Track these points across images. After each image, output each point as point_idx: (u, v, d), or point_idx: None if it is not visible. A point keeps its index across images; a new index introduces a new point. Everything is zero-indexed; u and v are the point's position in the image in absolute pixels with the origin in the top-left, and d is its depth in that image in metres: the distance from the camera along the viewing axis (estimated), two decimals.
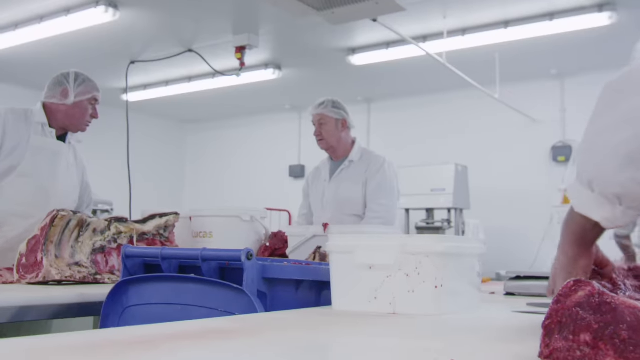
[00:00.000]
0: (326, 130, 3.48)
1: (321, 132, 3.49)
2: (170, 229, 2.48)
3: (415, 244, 1.29)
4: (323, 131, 3.49)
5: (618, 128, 0.92)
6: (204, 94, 7.56)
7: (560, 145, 6.87)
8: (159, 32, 5.70)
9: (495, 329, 1.15)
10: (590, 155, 0.96)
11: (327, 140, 3.49)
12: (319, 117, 3.51)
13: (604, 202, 0.94)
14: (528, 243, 6.77)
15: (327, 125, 3.49)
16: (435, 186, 6.45)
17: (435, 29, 5.30)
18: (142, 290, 1.59)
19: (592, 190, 0.94)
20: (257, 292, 1.45)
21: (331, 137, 3.49)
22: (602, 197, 0.94)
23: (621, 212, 0.93)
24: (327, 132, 3.48)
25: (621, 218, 0.94)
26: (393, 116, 7.99)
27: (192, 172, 9.86)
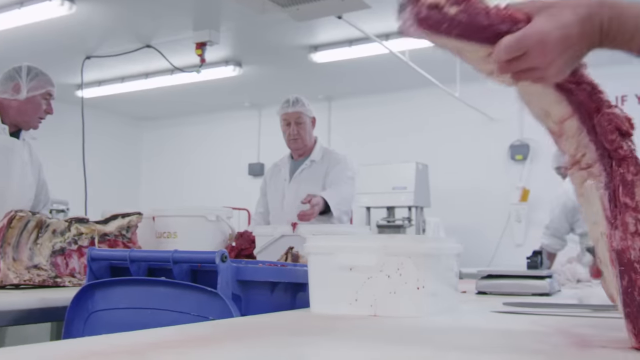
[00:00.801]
0: (303, 129, 3.41)
1: (299, 130, 3.40)
2: (133, 230, 2.41)
3: (396, 245, 1.26)
4: (300, 130, 3.40)
5: None
6: (162, 90, 7.42)
7: (518, 144, 6.98)
8: (116, 27, 5.56)
9: (482, 331, 1.12)
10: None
11: (303, 139, 3.41)
12: (296, 115, 3.42)
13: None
14: (487, 240, 6.85)
15: (304, 125, 3.42)
16: (396, 184, 6.47)
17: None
18: (108, 295, 1.52)
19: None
20: (232, 295, 1.40)
21: (307, 136, 3.43)
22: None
23: None
24: (304, 131, 3.41)
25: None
26: (354, 114, 7.99)
27: (149, 170, 9.68)
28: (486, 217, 6.95)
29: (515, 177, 6.95)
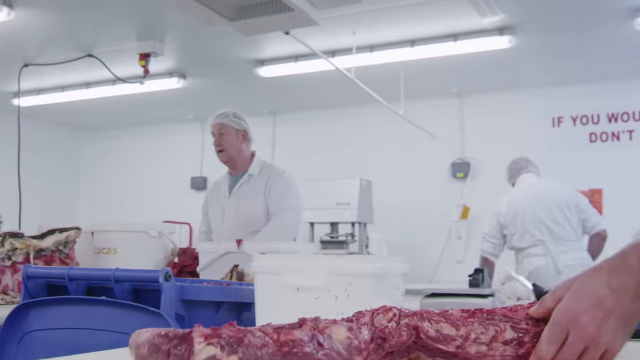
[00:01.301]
0: (226, 141, 3.42)
1: (221, 142, 3.43)
2: (71, 245, 2.34)
3: (344, 265, 1.25)
4: (223, 141, 3.43)
5: None
6: (104, 100, 7.24)
7: (459, 162, 7.11)
8: (57, 35, 5.41)
9: None
10: None
11: (227, 151, 3.42)
12: (219, 126, 3.45)
13: None
14: (428, 257, 6.94)
15: (227, 136, 3.43)
16: (339, 200, 6.49)
17: (345, 45, 5.35)
18: (44, 314, 1.46)
19: None
20: (175, 315, 1.36)
21: (231, 147, 3.43)
22: None
23: None
24: (227, 142, 3.42)
25: None
26: (299, 129, 7.99)
27: (88, 182, 9.41)
28: (428, 234, 7.04)
29: (456, 194, 7.07)
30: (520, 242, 4.50)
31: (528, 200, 4.50)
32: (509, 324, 0.89)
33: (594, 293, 0.83)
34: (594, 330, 0.81)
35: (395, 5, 4.65)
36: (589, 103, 6.52)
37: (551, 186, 4.60)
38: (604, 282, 0.83)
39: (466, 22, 4.91)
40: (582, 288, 0.84)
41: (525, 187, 4.63)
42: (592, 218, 4.42)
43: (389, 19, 4.92)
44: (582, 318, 0.82)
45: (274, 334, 0.81)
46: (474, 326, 0.88)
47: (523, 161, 4.82)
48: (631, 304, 0.82)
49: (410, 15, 4.85)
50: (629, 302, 0.82)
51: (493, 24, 4.88)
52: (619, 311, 0.82)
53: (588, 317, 0.82)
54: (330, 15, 4.33)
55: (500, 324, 0.89)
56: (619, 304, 0.82)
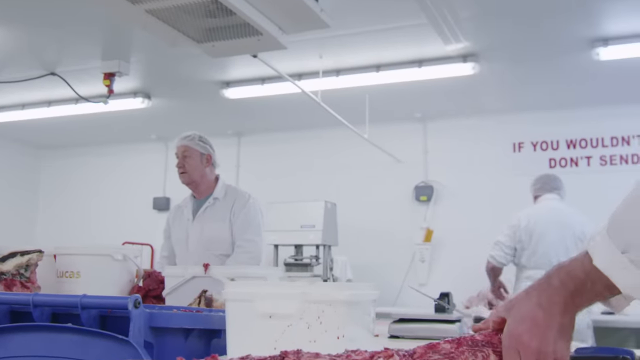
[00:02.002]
0: (189, 164, 3.42)
1: (184, 164, 3.42)
2: (33, 269, 2.28)
3: (317, 292, 1.25)
4: (186, 164, 3.42)
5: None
6: (66, 119, 7.13)
7: (423, 185, 7.19)
8: (18, 52, 5.32)
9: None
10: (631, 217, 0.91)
11: (189, 173, 3.42)
12: (183, 148, 3.45)
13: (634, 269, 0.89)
14: (392, 279, 6.96)
15: (191, 159, 3.43)
16: (304, 222, 6.47)
17: (311, 68, 5.39)
18: (7, 342, 1.42)
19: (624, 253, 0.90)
20: (144, 343, 1.34)
21: (194, 170, 3.42)
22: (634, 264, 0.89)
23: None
24: (190, 165, 3.42)
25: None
26: (264, 150, 7.99)
27: (48, 202, 9.20)
28: (392, 257, 7.08)
29: (420, 217, 7.14)
30: (527, 261, 4.58)
31: (547, 224, 4.58)
32: (491, 348, 0.98)
33: (529, 314, 0.97)
34: (537, 346, 0.95)
35: (361, 31, 4.72)
36: (549, 129, 6.68)
37: (572, 216, 4.67)
38: (535, 303, 0.97)
39: (430, 49, 5.00)
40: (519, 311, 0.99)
41: (547, 209, 4.71)
42: None
43: (355, 44, 4.98)
44: (523, 338, 0.96)
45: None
46: (465, 355, 0.96)
47: (551, 180, 4.89)
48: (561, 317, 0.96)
49: (376, 41, 4.92)
50: (560, 315, 0.96)
51: (457, 51, 4.98)
52: (553, 324, 0.96)
53: (528, 336, 0.96)
54: (297, 39, 4.36)
55: (484, 350, 0.98)
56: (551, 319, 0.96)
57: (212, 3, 2.90)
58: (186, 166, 3.42)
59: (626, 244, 0.90)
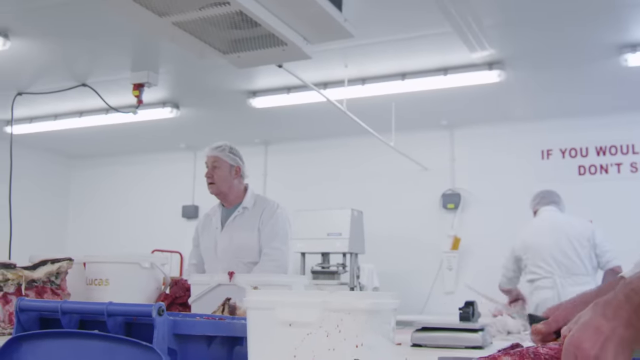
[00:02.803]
0: (218, 175, 3.43)
1: (213, 175, 3.43)
2: (63, 276, 2.34)
3: (337, 301, 1.27)
4: (215, 175, 3.43)
5: None
6: (97, 129, 7.27)
7: (450, 193, 7.16)
8: (51, 64, 5.46)
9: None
10: None
11: (217, 184, 3.43)
12: (213, 159, 3.46)
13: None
14: (419, 287, 6.94)
15: (220, 170, 3.44)
16: (331, 230, 6.49)
17: (337, 77, 5.42)
18: (37, 348, 1.46)
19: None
20: (167, 350, 1.37)
21: (222, 182, 3.44)
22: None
23: None
24: (219, 176, 3.43)
25: None
26: (291, 159, 8.03)
27: (79, 211, 9.37)
28: (419, 265, 7.05)
29: (447, 225, 7.11)
30: (531, 274, 4.57)
31: (542, 234, 4.58)
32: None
33: (592, 323, 0.99)
34: (595, 354, 0.96)
35: (386, 40, 4.74)
36: (577, 136, 6.61)
37: (566, 220, 4.67)
38: (600, 313, 0.99)
39: (456, 57, 5.00)
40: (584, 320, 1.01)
41: (542, 220, 4.73)
42: (606, 254, 4.48)
43: (380, 53, 5.00)
44: (584, 345, 0.97)
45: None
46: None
47: (548, 194, 4.90)
48: (624, 330, 0.96)
49: (401, 50, 4.94)
50: (622, 328, 0.96)
51: (482, 59, 4.97)
52: (614, 337, 0.96)
53: (589, 344, 0.97)
54: (322, 48, 4.40)
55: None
56: (613, 331, 0.97)
57: (237, 15, 2.95)
58: (215, 177, 3.44)
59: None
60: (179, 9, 2.90)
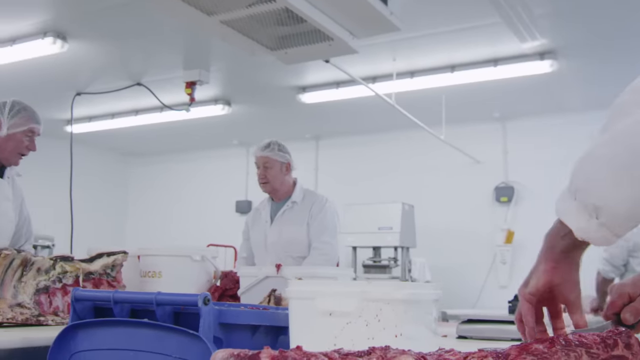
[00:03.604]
0: (271, 174, 3.45)
1: (265, 175, 3.46)
2: (118, 269, 2.42)
3: (375, 291, 1.29)
4: (267, 174, 3.45)
5: (611, 143, 0.94)
6: (151, 127, 7.47)
7: (503, 186, 7.05)
8: (108, 65, 5.63)
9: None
10: (582, 164, 0.98)
11: (271, 183, 3.46)
12: (264, 159, 3.47)
13: (582, 211, 0.95)
14: (472, 281, 6.87)
15: (272, 169, 3.46)
16: (382, 224, 6.50)
17: (385, 71, 5.42)
18: (91, 335, 1.53)
19: (575, 199, 0.96)
20: (214, 338, 1.41)
21: (275, 180, 3.47)
22: (582, 206, 0.95)
23: (596, 225, 0.94)
24: (271, 175, 3.45)
25: (594, 232, 0.95)
26: (341, 154, 8.06)
27: (136, 206, 9.65)
28: (471, 258, 6.98)
29: (500, 218, 7.01)
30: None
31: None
32: (584, 349, 0.97)
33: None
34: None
35: (434, 32, 4.71)
36: None
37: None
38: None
39: (506, 48, 4.93)
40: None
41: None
42: None
43: (428, 46, 4.97)
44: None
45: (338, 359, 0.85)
46: (558, 355, 0.95)
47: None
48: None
49: (450, 42, 4.90)
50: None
51: (533, 49, 4.88)
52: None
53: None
54: (370, 42, 4.40)
55: (577, 350, 0.96)
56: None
57: (283, 11, 2.99)
58: (267, 176, 3.45)
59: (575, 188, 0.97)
60: (226, 7, 2.96)
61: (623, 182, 0.90)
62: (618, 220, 0.92)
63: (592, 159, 0.96)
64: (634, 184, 0.89)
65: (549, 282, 1.09)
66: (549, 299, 1.13)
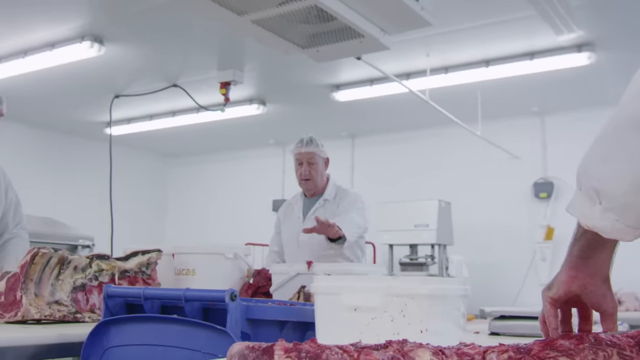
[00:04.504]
0: (315, 170, 3.39)
1: (310, 171, 3.39)
2: (153, 267, 2.46)
3: (400, 286, 1.29)
4: (312, 170, 3.38)
5: (603, 125, 0.91)
6: (188, 128, 7.57)
7: (542, 182, 6.94)
8: (144, 67, 5.72)
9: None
10: (585, 153, 0.94)
11: (314, 179, 3.40)
12: (309, 155, 3.40)
13: (586, 198, 0.92)
14: (511, 279, 6.78)
15: (316, 165, 3.40)
16: (418, 222, 6.46)
17: (418, 67, 5.38)
18: (123, 331, 1.57)
19: (580, 188, 0.93)
20: (241, 334, 1.43)
21: (318, 177, 3.42)
22: (584, 192, 0.92)
23: (600, 211, 0.90)
24: (315, 171, 3.39)
25: (600, 220, 0.90)
26: (377, 152, 8.04)
27: (175, 206, 9.80)
28: (510, 256, 6.89)
29: (540, 215, 6.90)
30: None
31: None
32: (615, 349, 0.91)
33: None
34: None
35: (467, 27, 4.65)
36: None
37: None
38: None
39: (542, 41, 4.84)
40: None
41: None
42: None
43: (462, 40, 4.91)
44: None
45: (354, 353, 0.84)
46: (585, 352, 0.90)
47: None
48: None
49: (484, 36, 4.83)
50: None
51: (570, 41, 4.79)
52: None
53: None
54: (402, 38, 4.38)
55: (607, 350, 0.91)
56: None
57: (313, 9, 2.99)
58: (312, 173, 3.39)
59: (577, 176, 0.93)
60: (256, 6, 2.98)
61: (612, 160, 0.86)
62: (618, 204, 0.86)
63: (590, 144, 0.93)
64: (621, 160, 0.85)
65: (568, 292, 1.07)
66: (578, 302, 1.10)
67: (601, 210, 0.89)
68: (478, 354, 0.91)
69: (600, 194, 0.88)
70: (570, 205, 0.97)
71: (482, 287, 5.82)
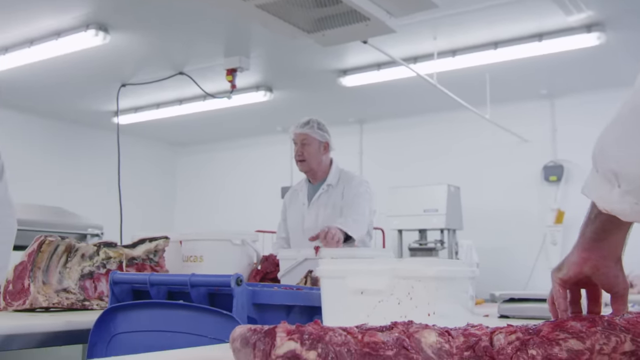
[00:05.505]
0: (308, 152, 3.42)
1: (303, 152, 3.43)
2: (160, 254, 2.46)
3: (406, 269, 1.27)
4: (305, 152, 3.42)
5: (620, 107, 0.88)
6: (195, 116, 7.55)
7: (552, 165, 6.89)
8: (150, 55, 5.71)
9: None
10: (600, 134, 0.90)
11: (308, 161, 3.42)
12: (302, 136, 3.44)
13: (604, 180, 0.88)
14: (521, 263, 6.75)
15: (309, 147, 3.42)
16: (427, 207, 6.44)
17: (426, 50, 5.33)
18: (130, 317, 1.56)
19: (597, 170, 0.90)
20: (247, 318, 1.42)
21: (312, 159, 3.43)
22: (602, 175, 0.88)
23: (618, 195, 0.86)
24: (309, 153, 3.42)
25: (618, 203, 0.87)
26: (385, 137, 8.00)
27: (184, 195, 9.82)
28: (520, 240, 6.86)
29: (550, 198, 6.85)
30: None
31: None
32: (630, 335, 0.88)
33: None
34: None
35: (475, 8, 4.60)
36: None
37: None
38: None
39: (551, 21, 4.78)
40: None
41: None
42: None
43: (469, 23, 4.86)
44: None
45: (358, 334, 0.83)
46: (597, 336, 0.87)
47: None
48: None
49: (492, 18, 4.78)
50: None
51: (579, 22, 4.72)
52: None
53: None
54: (409, 21, 4.35)
55: (620, 335, 0.88)
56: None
57: None
58: (305, 154, 3.42)
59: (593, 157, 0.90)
60: None
61: (629, 143, 0.83)
62: (637, 186, 0.83)
63: (606, 125, 0.89)
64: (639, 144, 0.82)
65: (579, 274, 1.05)
66: (588, 283, 1.08)
67: (620, 194, 0.86)
68: (485, 335, 0.89)
69: (618, 177, 0.85)
70: (586, 186, 0.94)
71: (493, 272, 5.81)
